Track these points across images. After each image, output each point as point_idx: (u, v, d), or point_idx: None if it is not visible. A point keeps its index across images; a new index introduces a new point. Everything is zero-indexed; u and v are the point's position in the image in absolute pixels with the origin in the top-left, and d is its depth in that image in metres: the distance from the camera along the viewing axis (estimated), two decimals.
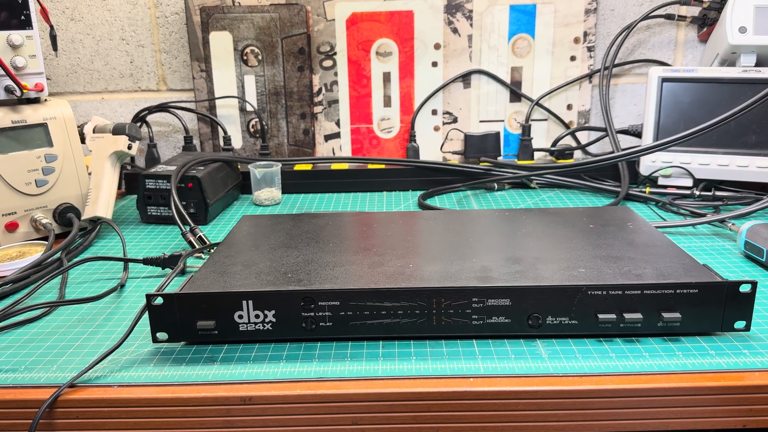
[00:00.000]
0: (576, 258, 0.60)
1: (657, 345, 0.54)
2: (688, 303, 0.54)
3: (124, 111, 1.16)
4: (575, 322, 0.54)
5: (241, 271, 0.59)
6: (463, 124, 1.14)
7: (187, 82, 1.15)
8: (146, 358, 0.54)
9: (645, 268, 0.57)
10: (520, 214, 0.75)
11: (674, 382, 0.49)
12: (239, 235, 0.70)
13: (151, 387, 0.50)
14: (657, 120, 0.96)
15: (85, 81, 1.15)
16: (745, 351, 0.53)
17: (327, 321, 0.55)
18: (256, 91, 1.12)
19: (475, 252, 0.62)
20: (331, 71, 1.12)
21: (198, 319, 0.55)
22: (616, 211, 0.75)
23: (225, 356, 0.54)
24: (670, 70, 0.96)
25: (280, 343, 0.56)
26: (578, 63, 1.10)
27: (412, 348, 0.55)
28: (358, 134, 1.15)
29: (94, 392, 0.50)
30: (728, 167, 0.92)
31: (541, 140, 1.14)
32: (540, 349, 0.54)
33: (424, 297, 0.54)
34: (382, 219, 0.75)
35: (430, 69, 1.11)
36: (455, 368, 0.51)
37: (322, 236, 0.69)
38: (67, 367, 0.53)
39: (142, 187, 0.91)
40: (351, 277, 0.57)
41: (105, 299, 0.67)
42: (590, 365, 0.51)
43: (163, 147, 1.18)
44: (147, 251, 0.80)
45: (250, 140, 1.15)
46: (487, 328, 0.55)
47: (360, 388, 0.49)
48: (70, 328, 0.61)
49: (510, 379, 0.50)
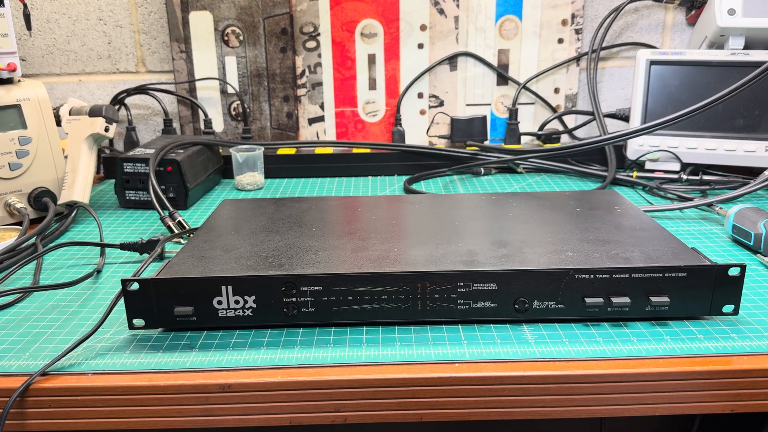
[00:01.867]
0: (563, 242, 0.59)
1: (645, 329, 0.53)
2: (677, 287, 0.53)
3: (102, 93, 1.14)
4: (562, 307, 0.53)
5: (220, 255, 0.58)
6: (450, 108, 1.13)
7: (167, 63, 1.12)
8: (122, 345, 0.53)
9: (633, 251, 0.56)
10: (506, 198, 0.74)
11: (662, 366, 0.48)
12: (219, 220, 0.68)
13: (127, 375, 0.49)
14: (645, 103, 0.95)
15: (62, 62, 1.12)
16: (733, 335, 0.52)
17: (309, 306, 0.54)
18: (238, 72, 1.10)
19: (460, 236, 0.61)
20: (315, 53, 1.09)
21: (176, 305, 0.53)
22: (603, 195, 0.74)
23: (204, 343, 0.53)
24: (659, 52, 0.95)
25: (261, 330, 0.55)
26: (566, 46, 1.09)
27: (397, 334, 0.53)
28: (342, 118, 1.13)
29: (68, 380, 0.48)
30: (716, 151, 0.92)
31: (528, 124, 1.13)
32: (526, 333, 0.53)
33: (409, 281, 0.53)
34: (367, 203, 0.73)
35: (416, 51, 1.10)
36: (440, 354, 0.50)
37: (305, 221, 0.67)
38: (40, 355, 0.52)
39: (120, 170, 0.88)
40: (334, 261, 0.55)
41: (80, 285, 0.65)
42: (577, 350, 0.50)
43: (142, 130, 1.15)
44: (125, 236, 0.78)
45: (231, 123, 1.13)
46: (473, 312, 0.54)
47: (343, 374, 0.48)
48: (44, 315, 0.59)
49: (496, 365, 0.49)
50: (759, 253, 0.67)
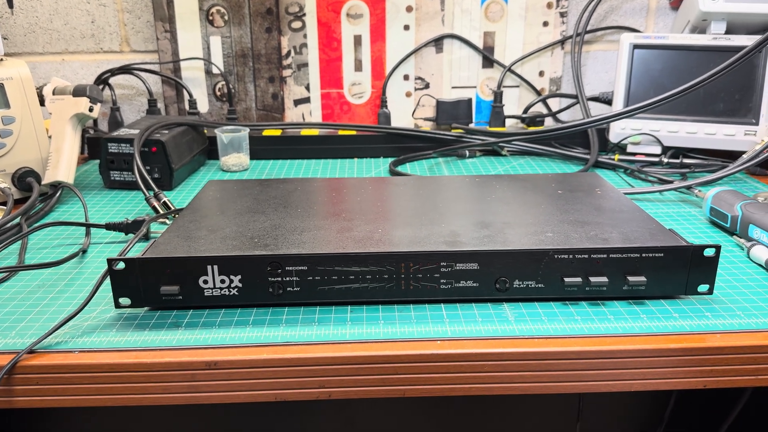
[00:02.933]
0: (544, 223, 0.60)
1: (622, 308, 0.54)
2: (654, 267, 0.54)
3: (86, 73, 1.13)
4: (542, 286, 0.55)
5: (206, 235, 0.58)
6: (435, 90, 1.13)
7: (151, 43, 1.11)
8: (109, 324, 0.53)
9: (611, 232, 0.57)
10: (490, 180, 0.75)
11: (638, 344, 0.50)
12: (205, 200, 0.69)
13: (114, 352, 0.49)
14: (627, 87, 0.96)
15: (44, 41, 1.10)
16: (707, 314, 0.54)
17: (294, 286, 0.54)
18: (223, 53, 1.09)
19: (444, 217, 0.62)
20: (301, 33, 1.09)
21: (162, 285, 0.53)
22: (584, 177, 0.75)
23: (190, 321, 0.53)
24: (642, 36, 0.95)
25: (247, 309, 0.55)
26: (551, 29, 1.10)
27: (381, 312, 0.54)
28: (328, 99, 1.13)
29: (55, 358, 0.49)
30: (696, 135, 0.93)
31: (513, 107, 1.14)
32: (507, 312, 0.54)
33: (393, 261, 0.54)
34: (352, 185, 0.74)
35: (402, 32, 1.10)
36: (423, 332, 0.51)
37: (291, 201, 0.68)
38: (27, 333, 0.52)
39: (105, 151, 0.88)
40: (319, 241, 0.56)
41: (66, 265, 0.65)
42: (556, 328, 0.52)
43: (126, 110, 1.15)
44: (110, 217, 0.79)
45: (216, 104, 1.12)
46: (455, 292, 0.55)
47: (328, 351, 0.49)
48: (30, 294, 0.59)
49: (476, 342, 0.50)
50: (735, 235, 0.69)
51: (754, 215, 0.67)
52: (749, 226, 0.67)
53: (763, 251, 0.63)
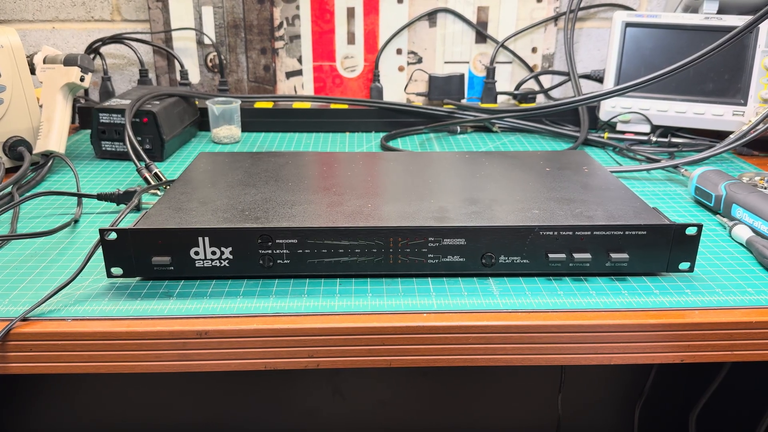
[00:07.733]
0: (530, 200, 0.61)
1: (604, 284, 0.56)
2: (636, 244, 0.55)
3: (77, 42, 1.11)
4: (527, 262, 0.56)
5: (197, 207, 0.59)
6: (428, 65, 1.13)
7: (143, 12, 1.10)
8: (101, 293, 0.54)
9: (596, 210, 0.58)
10: (479, 156, 0.76)
11: (619, 319, 0.51)
12: (196, 172, 0.69)
13: (106, 321, 0.50)
14: (619, 65, 0.96)
15: (34, 8, 1.09)
16: (687, 291, 0.55)
17: (284, 259, 0.55)
18: (215, 23, 1.08)
19: (433, 193, 0.63)
20: (293, 4, 1.08)
21: (153, 255, 0.54)
22: (573, 155, 0.76)
23: (181, 292, 0.54)
24: (634, 15, 0.95)
25: (238, 280, 0.56)
26: (544, 5, 1.09)
27: (369, 286, 0.56)
28: (320, 72, 1.13)
29: (48, 326, 0.50)
30: (685, 114, 0.94)
31: (505, 83, 1.14)
32: (492, 287, 0.55)
33: (382, 236, 0.55)
34: (343, 159, 0.75)
35: (395, 5, 1.09)
36: (410, 305, 0.53)
37: (282, 175, 0.68)
38: (20, 301, 0.53)
39: (96, 121, 0.88)
40: (309, 215, 0.57)
41: (58, 234, 0.66)
42: (539, 302, 0.53)
43: (117, 80, 1.14)
44: (101, 187, 0.79)
45: (208, 75, 1.12)
46: (442, 266, 0.56)
47: (316, 323, 0.50)
48: (23, 263, 0.60)
49: (461, 315, 0.51)
50: (718, 214, 0.70)
51: (737, 195, 0.68)
52: (732, 205, 0.68)
53: (744, 230, 0.64)
